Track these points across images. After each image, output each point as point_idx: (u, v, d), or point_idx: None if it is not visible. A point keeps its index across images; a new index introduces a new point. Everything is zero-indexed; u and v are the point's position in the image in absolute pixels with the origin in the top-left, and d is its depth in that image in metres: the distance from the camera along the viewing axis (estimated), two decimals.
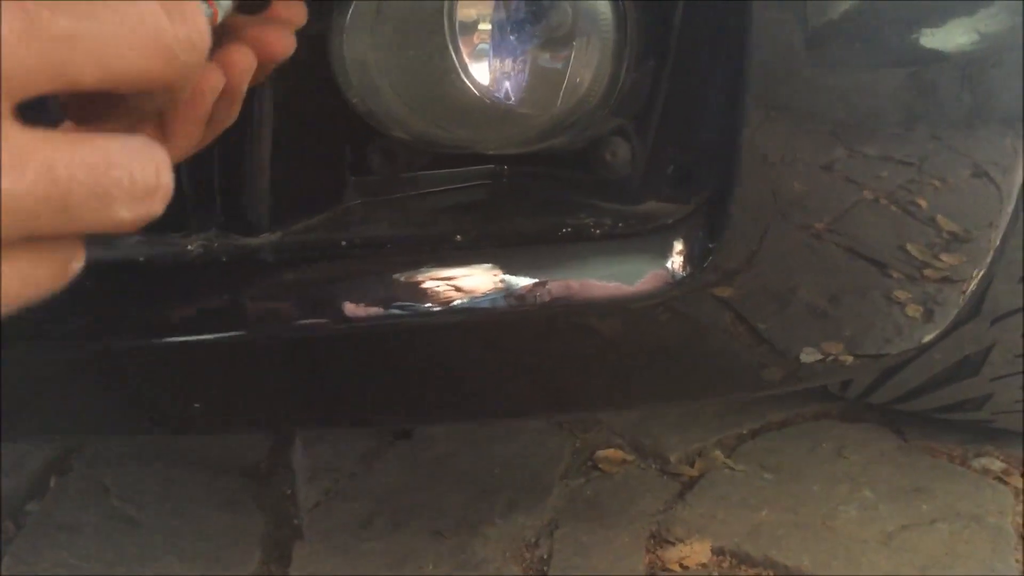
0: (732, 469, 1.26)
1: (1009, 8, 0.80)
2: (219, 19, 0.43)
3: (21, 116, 0.28)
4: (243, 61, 0.43)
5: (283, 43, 0.46)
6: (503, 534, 1.12)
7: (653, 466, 1.28)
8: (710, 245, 0.69)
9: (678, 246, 0.68)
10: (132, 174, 0.29)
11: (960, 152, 0.87)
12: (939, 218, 0.89)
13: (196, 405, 0.64)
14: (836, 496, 1.20)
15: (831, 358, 0.87)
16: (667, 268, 0.68)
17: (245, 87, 0.44)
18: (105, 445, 1.25)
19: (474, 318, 0.66)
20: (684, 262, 0.69)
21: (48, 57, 0.27)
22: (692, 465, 1.27)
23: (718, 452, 1.30)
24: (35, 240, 0.28)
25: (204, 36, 0.31)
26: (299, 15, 0.49)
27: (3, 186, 0.26)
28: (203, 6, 0.41)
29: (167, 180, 0.30)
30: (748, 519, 1.15)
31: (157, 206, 0.30)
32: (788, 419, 1.37)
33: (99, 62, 0.28)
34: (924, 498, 1.21)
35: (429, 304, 0.65)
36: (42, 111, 0.31)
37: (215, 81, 0.42)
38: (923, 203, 0.87)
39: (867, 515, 1.17)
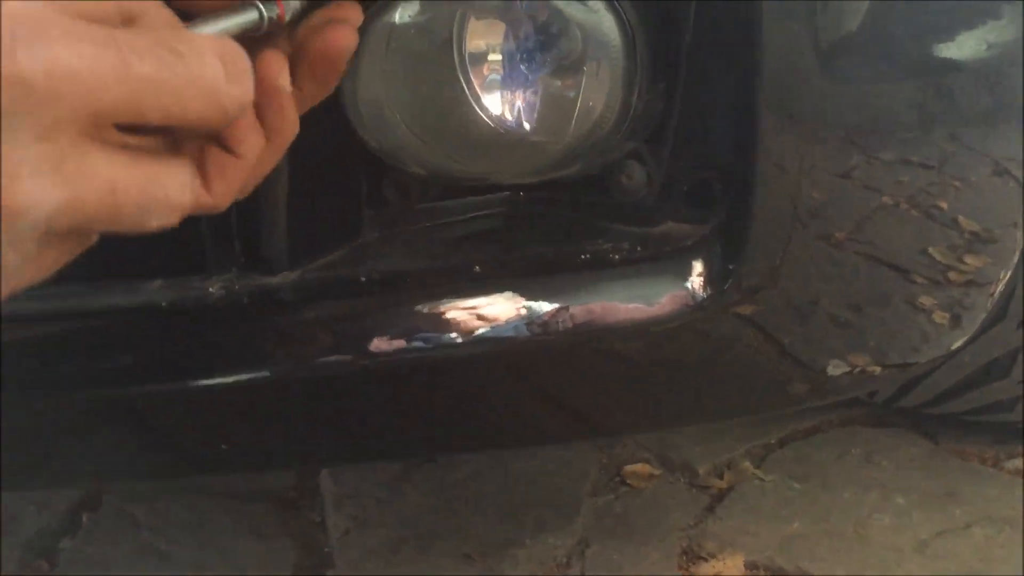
0: (761, 480, 1.25)
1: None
2: (287, 18, 0.46)
3: None
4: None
5: (348, 40, 0.48)
6: (533, 555, 1.12)
7: (682, 479, 1.27)
8: (730, 265, 0.69)
9: (698, 268, 0.68)
10: (168, 193, 0.36)
11: (979, 151, 0.86)
12: (961, 219, 0.89)
13: (223, 446, 0.64)
14: (868, 503, 1.19)
15: (858, 370, 0.87)
16: (688, 290, 0.68)
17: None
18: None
19: (497, 348, 0.66)
20: (705, 283, 0.69)
21: (131, 96, 0.33)
22: (721, 477, 1.26)
23: (747, 463, 1.29)
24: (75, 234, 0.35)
25: (250, 93, 0.38)
26: (358, 14, 0.51)
27: (73, 194, 0.33)
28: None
29: (190, 199, 0.37)
30: (780, 531, 1.14)
31: (178, 219, 0.37)
32: (816, 426, 1.36)
33: (165, 108, 0.34)
34: (957, 503, 1.19)
35: (451, 336, 0.65)
36: None
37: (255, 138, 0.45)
38: (944, 205, 0.87)
39: (900, 522, 1.15)
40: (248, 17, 0.45)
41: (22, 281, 0.35)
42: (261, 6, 0.46)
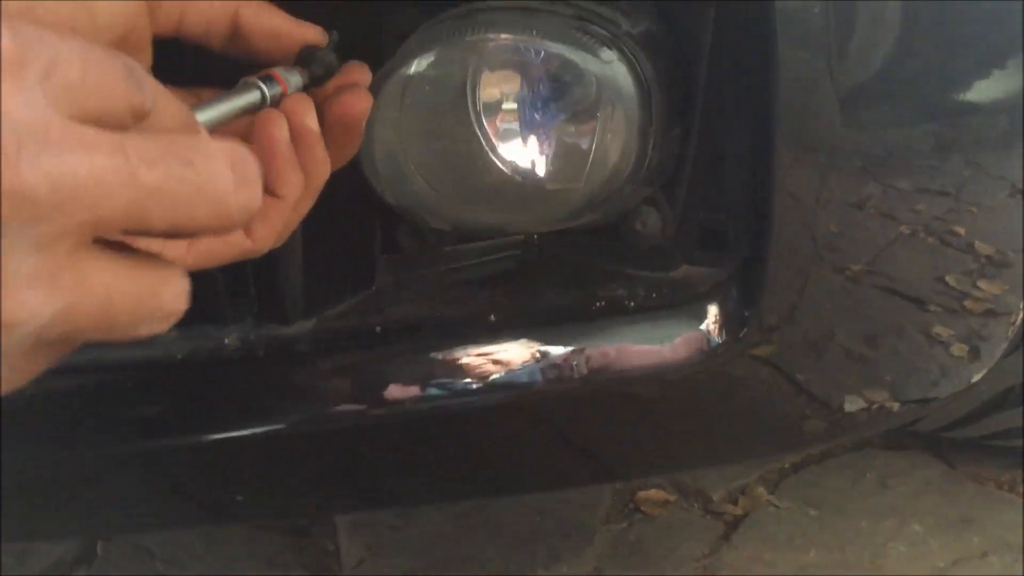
0: (776, 507, 1.25)
1: None
2: (289, 91, 0.47)
3: None
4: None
5: (363, 103, 0.50)
6: None
7: (696, 506, 1.26)
8: (747, 311, 0.69)
9: (714, 313, 0.68)
10: (162, 303, 0.34)
11: (996, 175, 0.86)
12: (977, 244, 0.88)
13: (239, 498, 0.64)
14: (884, 532, 1.19)
15: (876, 406, 0.86)
16: (704, 336, 0.68)
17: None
18: None
19: (513, 397, 0.65)
20: (721, 328, 0.68)
21: (136, 207, 0.32)
22: (735, 503, 1.26)
23: (761, 489, 1.28)
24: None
25: (259, 199, 0.36)
26: (366, 75, 0.53)
27: (68, 305, 0.31)
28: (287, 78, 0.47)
29: (183, 306, 0.36)
30: (795, 560, 1.14)
31: (167, 327, 0.35)
32: (830, 450, 1.35)
33: (171, 218, 0.33)
34: (974, 529, 1.19)
35: (466, 384, 0.65)
36: None
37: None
38: (961, 231, 0.86)
39: (916, 551, 1.15)
40: (250, 98, 0.46)
41: (1, 390, 0.34)
42: (263, 85, 0.46)
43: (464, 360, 0.65)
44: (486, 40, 0.57)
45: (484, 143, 0.62)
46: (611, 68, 0.58)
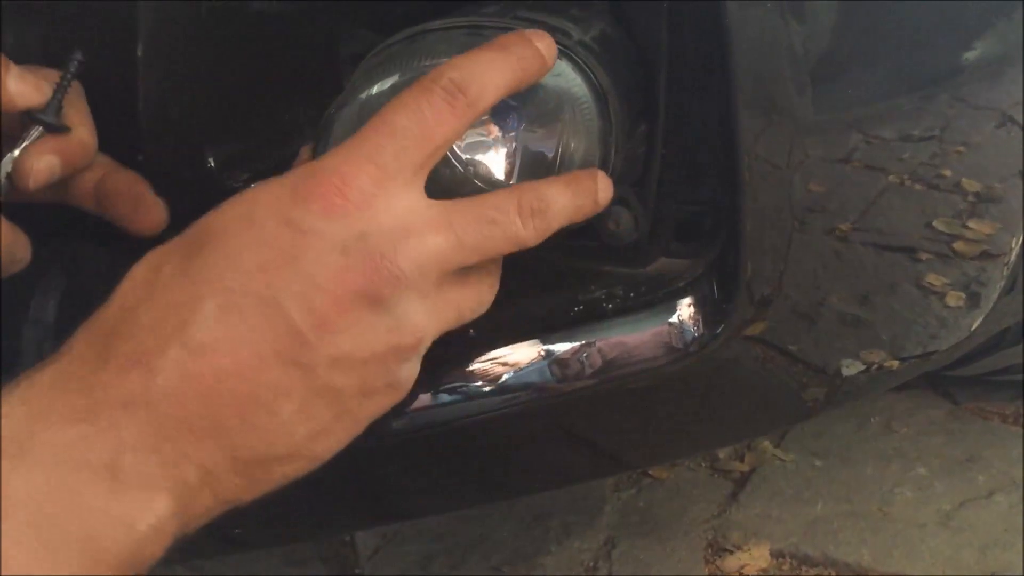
0: (782, 460, 1.26)
1: None
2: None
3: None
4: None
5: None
6: (560, 562, 1.13)
7: (703, 465, 1.28)
8: (729, 296, 0.68)
9: (695, 306, 0.67)
10: (485, 302, 0.57)
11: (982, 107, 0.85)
12: (964, 182, 0.87)
13: (237, 531, 0.65)
14: (889, 477, 1.20)
15: (875, 367, 0.86)
16: (687, 328, 0.68)
17: None
18: None
19: (505, 405, 0.66)
20: (703, 318, 0.68)
21: (461, 260, 0.52)
22: (742, 460, 1.27)
23: (766, 443, 1.29)
24: None
25: (542, 235, 0.56)
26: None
27: (438, 322, 0.53)
28: None
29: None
30: (804, 515, 1.15)
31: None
32: None
33: (480, 258, 0.54)
34: (979, 468, 1.20)
35: (451, 399, 0.65)
36: None
37: None
38: (947, 173, 0.85)
39: (922, 495, 1.16)
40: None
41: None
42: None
43: (444, 370, 0.66)
44: (434, 65, 0.56)
45: (452, 158, 0.61)
46: (564, 80, 0.58)
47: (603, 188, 0.58)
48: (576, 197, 0.56)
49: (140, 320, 0.46)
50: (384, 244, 0.47)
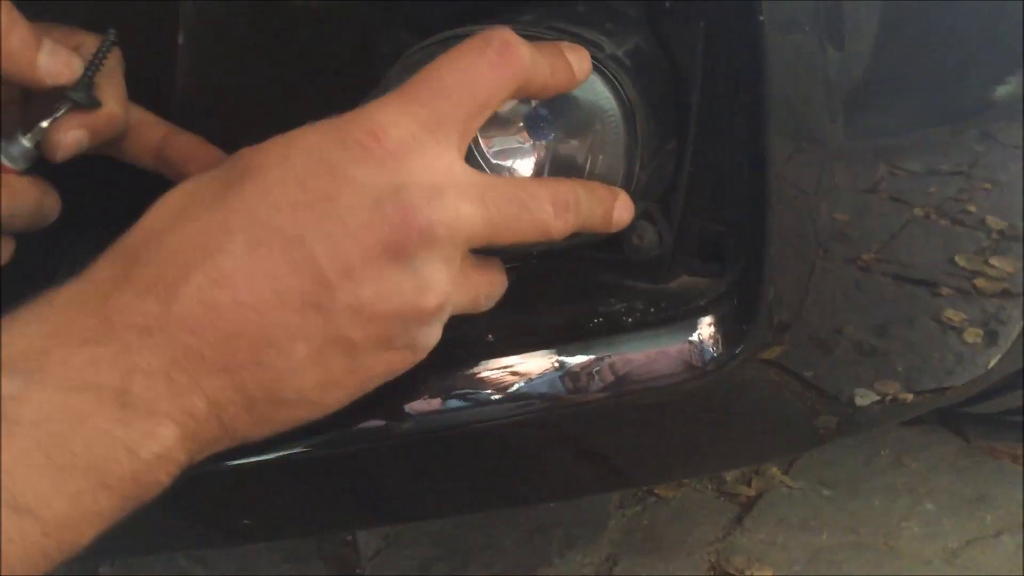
0: (789, 487, 1.25)
1: None
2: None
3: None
4: None
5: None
6: (561, 574, 1.13)
7: (709, 487, 1.27)
8: (748, 319, 0.68)
9: (715, 326, 0.67)
10: (497, 290, 0.58)
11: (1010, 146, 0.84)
12: (989, 220, 0.87)
13: (245, 521, 0.65)
14: (897, 511, 1.19)
15: (889, 398, 0.85)
16: (705, 347, 0.68)
17: None
18: None
19: (518, 413, 0.66)
20: (721, 339, 0.68)
21: (490, 235, 0.51)
22: (749, 484, 1.27)
23: (774, 469, 1.29)
24: None
25: (571, 226, 0.55)
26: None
27: (459, 296, 0.52)
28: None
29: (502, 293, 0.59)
30: (809, 543, 1.15)
31: (492, 305, 0.57)
32: None
33: (509, 240, 0.53)
34: (987, 507, 1.19)
35: (467, 407, 0.65)
36: None
37: None
38: (973, 209, 0.85)
39: (929, 531, 1.15)
40: None
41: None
42: None
43: (463, 380, 0.66)
44: None
45: (481, 161, 0.62)
46: (594, 92, 0.58)
47: (620, 208, 0.58)
48: (603, 205, 0.56)
49: (165, 245, 0.46)
50: (417, 199, 0.47)
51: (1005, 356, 0.95)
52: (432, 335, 0.52)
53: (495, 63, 0.50)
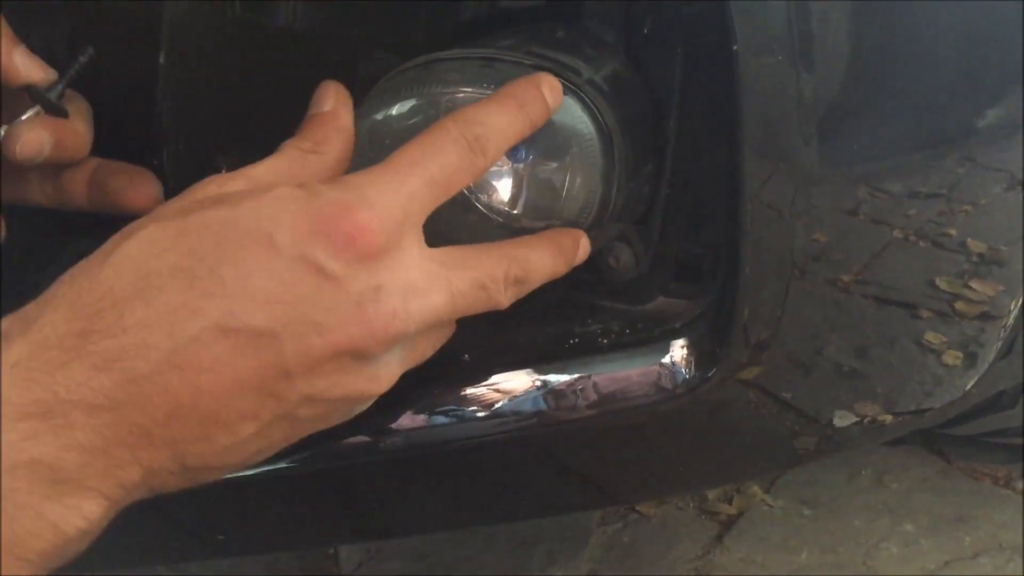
0: (770, 506, 1.26)
1: None
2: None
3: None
4: None
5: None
6: None
7: (691, 505, 1.28)
8: (725, 340, 0.69)
9: (688, 348, 0.68)
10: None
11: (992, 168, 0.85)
12: (969, 242, 0.88)
13: (220, 537, 0.65)
14: (876, 531, 1.19)
15: (868, 420, 0.86)
16: (678, 370, 0.68)
17: None
18: None
19: (495, 432, 0.66)
20: (697, 360, 0.69)
21: (452, 315, 0.53)
22: (730, 502, 1.27)
23: (755, 487, 1.29)
24: None
25: (530, 282, 0.57)
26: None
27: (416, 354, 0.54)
28: None
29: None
30: (788, 562, 1.15)
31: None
32: None
33: (466, 315, 0.54)
34: (967, 529, 1.19)
35: (441, 422, 0.66)
36: None
37: None
38: (953, 232, 0.86)
39: (908, 552, 1.16)
40: None
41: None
42: None
43: (440, 397, 0.66)
44: (447, 93, 0.57)
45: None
46: (571, 116, 0.59)
47: (583, 249, 0.60)
48: (556, 261, 0.58)
49: (127, 317, 0.44)
50: (396, 302, 0.48)
51: (982, 378, 0.95)
52: (366, 406, 0.53)
53: (469, 160, 0.53)
